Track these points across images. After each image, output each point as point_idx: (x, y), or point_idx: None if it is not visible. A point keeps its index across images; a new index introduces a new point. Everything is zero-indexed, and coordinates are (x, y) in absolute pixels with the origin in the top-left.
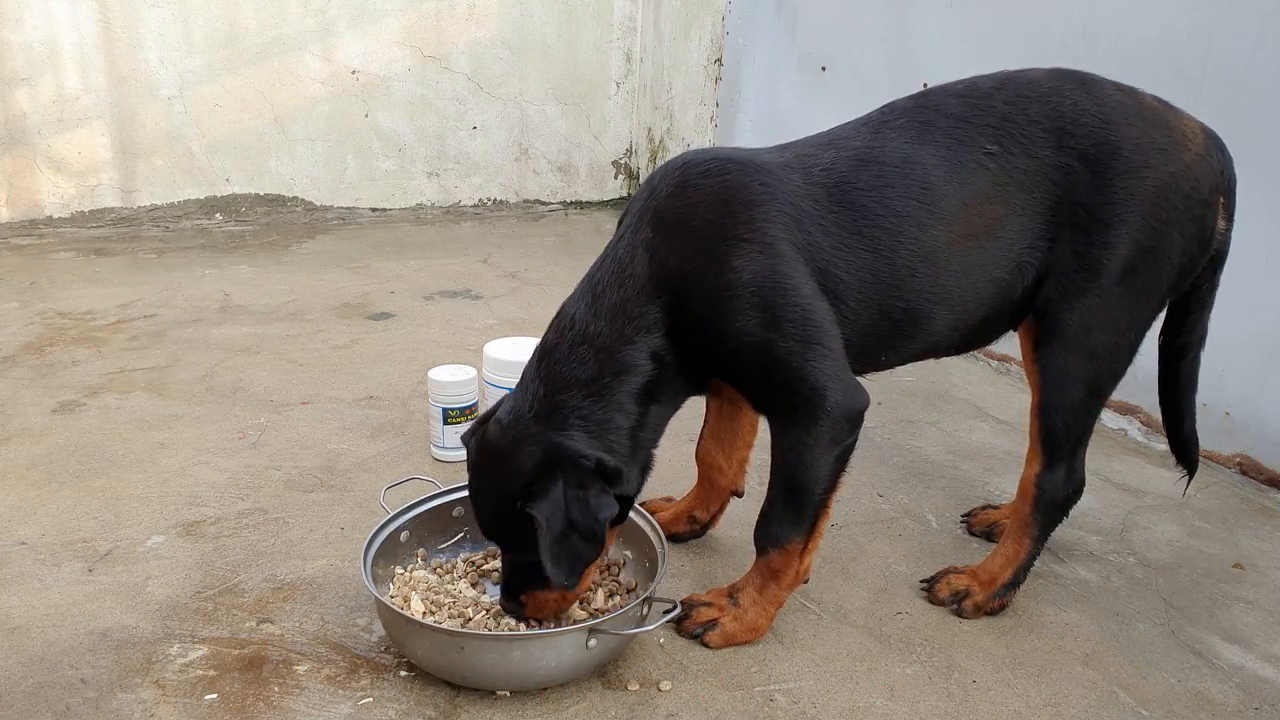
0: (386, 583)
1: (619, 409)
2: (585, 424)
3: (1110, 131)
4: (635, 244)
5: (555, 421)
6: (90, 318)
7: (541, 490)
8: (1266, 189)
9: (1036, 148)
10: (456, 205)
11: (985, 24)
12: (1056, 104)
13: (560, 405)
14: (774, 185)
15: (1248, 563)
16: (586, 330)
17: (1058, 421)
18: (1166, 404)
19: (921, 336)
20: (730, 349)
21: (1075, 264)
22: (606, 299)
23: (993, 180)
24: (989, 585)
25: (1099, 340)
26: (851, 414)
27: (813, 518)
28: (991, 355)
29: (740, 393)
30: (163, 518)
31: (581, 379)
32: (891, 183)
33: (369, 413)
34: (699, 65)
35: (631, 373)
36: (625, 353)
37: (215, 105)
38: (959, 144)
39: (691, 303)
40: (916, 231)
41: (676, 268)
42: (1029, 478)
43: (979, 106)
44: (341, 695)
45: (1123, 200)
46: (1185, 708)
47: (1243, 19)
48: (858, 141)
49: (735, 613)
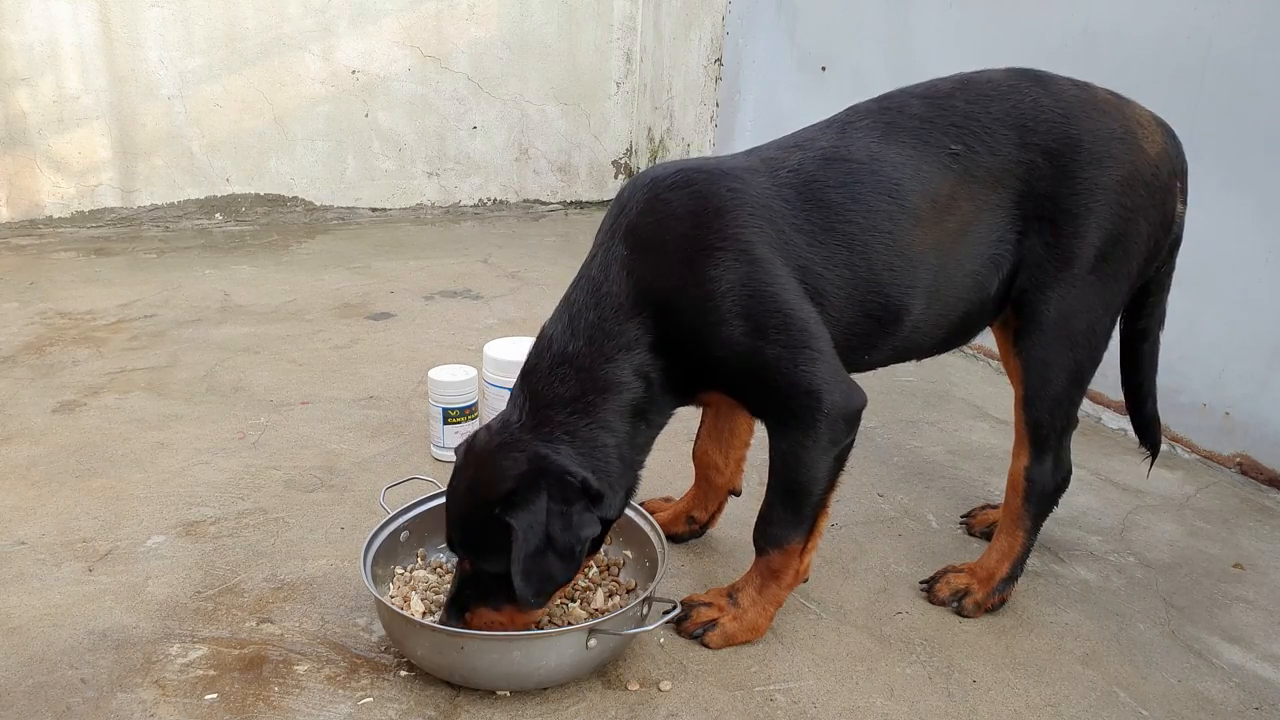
0: (386, 583)
1: (605, 427)
2: (572, 440)
3: (1070, 125)
4: (609, 262)
5: (543, 434)
6: (90, 318)
7: (523, 500)
8: (1266, 189)
9: (1000, 145)
10: (456, 205)
11: (985, 24)
12: (1016, 102)
13: (547, 419)
14: (742, 190)
15: (1248, 563)
16: (565, 350)
17: (1043, 412)
18: (1129, 386)
19: (902, 333)
20: (718, 358)
21: (1047, 255)
22: (584, 318)
23: (958, 178)
24: (987, 581)
25: (1077, 328)
26: (849, 414)
27: (812, 518)
28: (991, 355)
29: (736, 401)
30: (163, 518)
31: (565, 397)
32: (861, 179)
33: (369, 413)
34: (699, 65)
35: (615, 390)
36: (607, 371)
37: (215, 105)
38: (923, 143)
39: (675, 317)
40: (889, 226)
41: (655, 283)
42: (1018, 471)
43: (941, 107)
44: (341, 695)
45: (1088, 190)
46: (1185, 708)
47: (1243, 19)
48: (824, 141)
49: (735, 613)
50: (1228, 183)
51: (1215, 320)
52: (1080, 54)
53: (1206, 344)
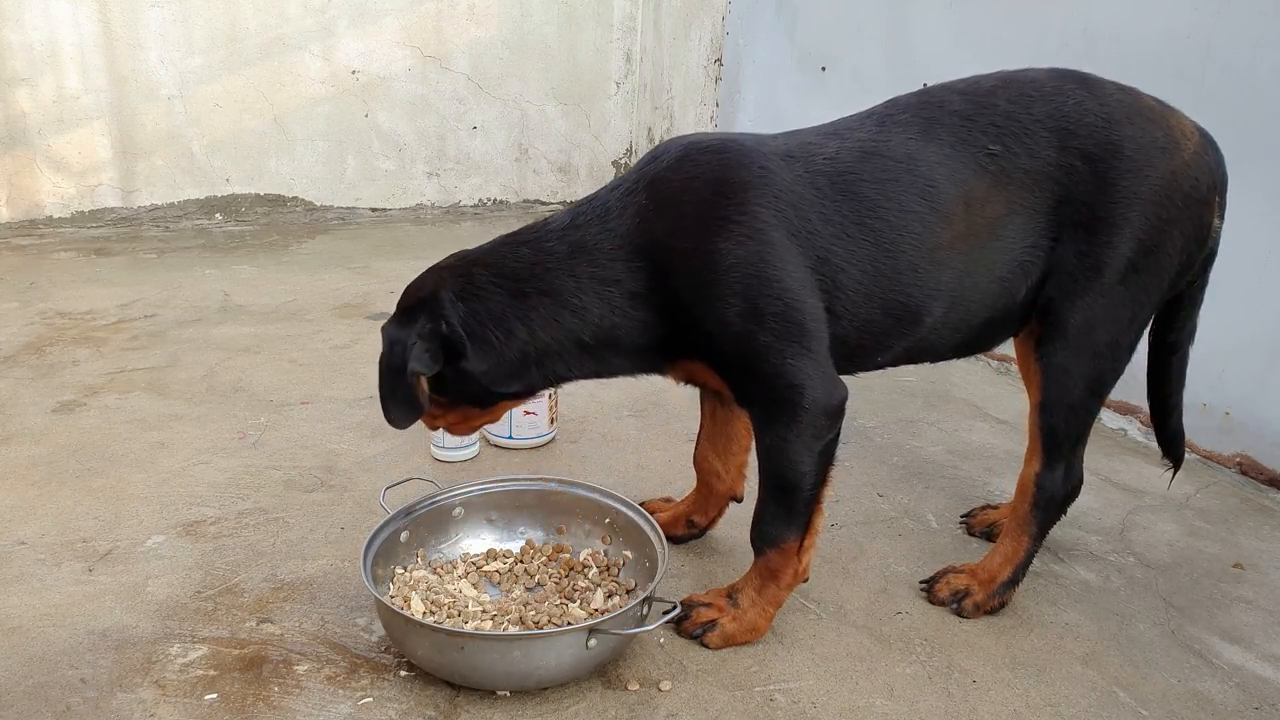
0: (386, 583)
1: (523, 320)
2: (479, 304)
3: (1113, 131)
4: (627, 203)
5: (465, 287)
6: (90, 318)
7: (399, 317)
8: (1266, 189)
9: (1039, 147)
10: (456, 205)
11: (985, 24)
12: (1060, 104)
13: (474, 277)
14: (773, 170)
15: (1248, 563)
16: (544, 245)
17: (1060, 420)
18: (1155, 399)
19: (920, 333)
20: (707, 333)
21: (1078, 263)
22: (580, 233)
23: (994, 179)
24: (988, 584)
25: (1101, 338)
26: (830, 409)
27: (805, 514)
28: (992, 355)
29: (717, 376)
30: (163, 518)
31: (512, 275)
32: (897, 177)
33: (369, 413)
34: (699, 65)
35: (560, 304)
36: (565, 285)
37: (215, 105)
38: (962, 142)
39: (673, 278)
40: (919, 227)
41: (663, 240)
42: (1028, 476)
43: (982, 105)
44: (341, 695)
45: (1125, 199)
46: (1185, 708)
47: (1243, 19)
48: (863, 133)
49: (734, 613)
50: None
51: (1215, 320)
52: (1080, 55)
53: (1206, 344)
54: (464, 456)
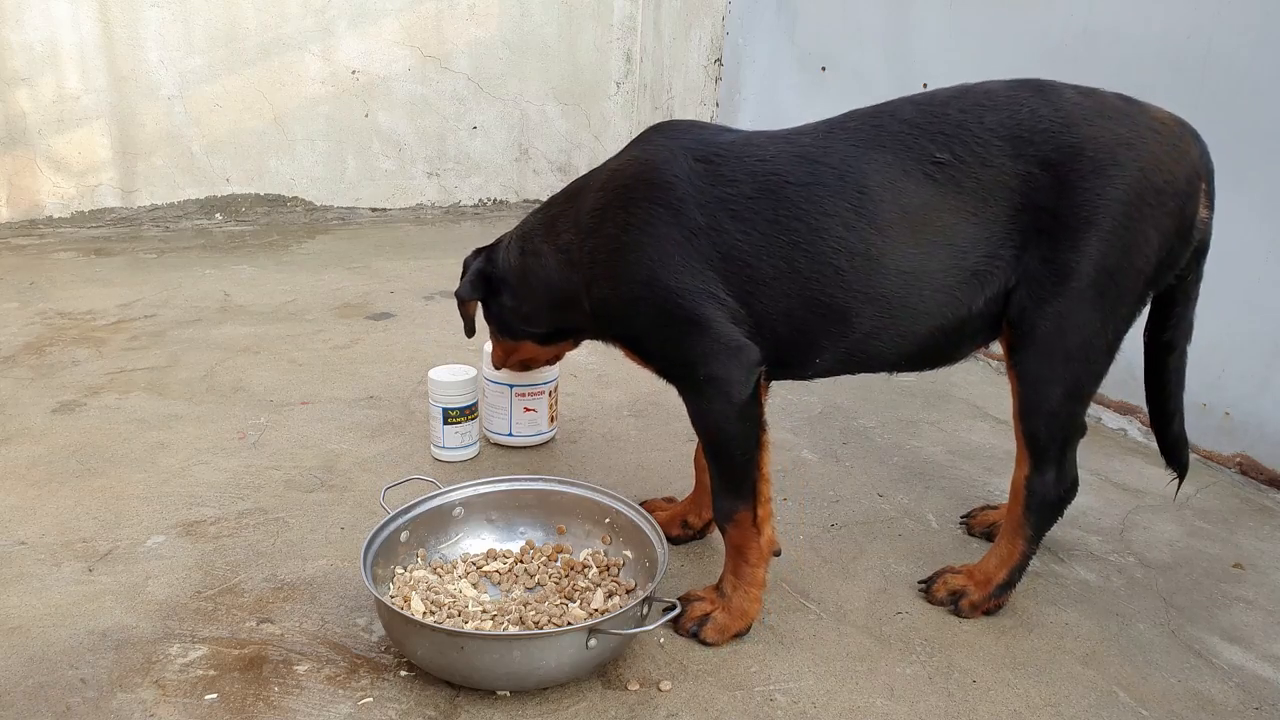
0: (386, 583)
1: (526, 271)
2: (508, 255)
3: (1071, 134)
4: (592, 177)
5: (511, 237)
6: (90, 318)
7: (475, 257)
8: (1266, 189)
9: (992, 156)
10: (456, 205)
11: (985, 24)
12: (1013, 112)
13: (515, 237)
14: (681, 167)
15: (1248, 563)
16: (548, 211)
17: (1039, 426)
18: (1154, 403)
19: (853, 337)
20: (599, 314)
21: (1044, 269)
22: (558, 208)
23: (940, 188)
24: (985, 585)
25: (1073, 343)
26: (734, 375)
27: (743, 480)
28: (992, 355)
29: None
30: (163, 518)
31: (524, 232)
32: (824, 181)
33: (369, 413)
34: (699, 65)
35: (539, 262)
36: (540, 247)
37: (215, 105)
38: (906, 150)
39: (579, 253)
40: (841, 230)
41: (584, 219)
42: (1019, 480)
43: (933, 115)
44: (341, 695)
45: (1090, 201)
46: (1185, 708)
47: (1243, 19)
48: (807, 139)
49: (723, 603)
50: (1227, 183)
51: (1215, 320)
52: (1080, 54)
53: (1206, 344)
54: (464, 456)
